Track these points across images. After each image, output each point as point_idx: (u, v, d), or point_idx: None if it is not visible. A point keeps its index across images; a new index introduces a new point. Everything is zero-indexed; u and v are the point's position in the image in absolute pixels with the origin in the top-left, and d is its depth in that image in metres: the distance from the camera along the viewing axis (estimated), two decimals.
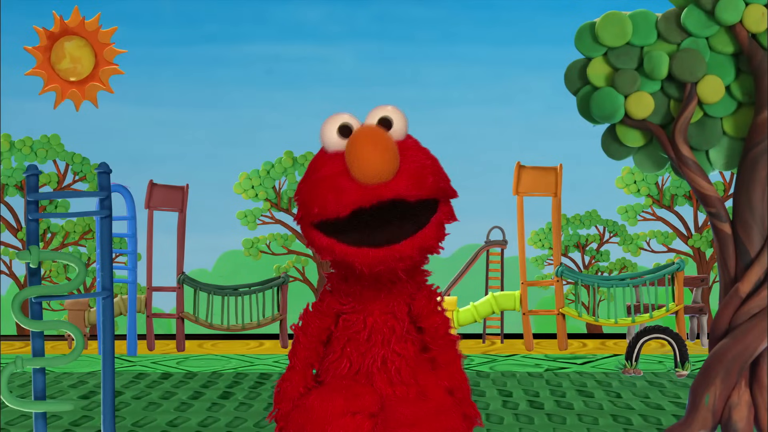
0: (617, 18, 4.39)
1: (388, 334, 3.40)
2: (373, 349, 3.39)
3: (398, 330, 3.41)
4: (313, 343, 3.48)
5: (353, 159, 3.11)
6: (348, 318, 3.44)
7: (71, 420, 5.88)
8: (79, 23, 4.71)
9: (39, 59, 4.68)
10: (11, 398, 4.18)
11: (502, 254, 11.19)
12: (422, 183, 3.18)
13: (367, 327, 3.40)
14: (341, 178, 3.14)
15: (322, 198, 3.16)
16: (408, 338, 3.43)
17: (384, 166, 3.11)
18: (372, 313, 3.41)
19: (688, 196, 13.28)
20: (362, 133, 3.16)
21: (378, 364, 3.39)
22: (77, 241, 12.83)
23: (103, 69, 4.72)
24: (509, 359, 9.07)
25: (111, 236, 4.38)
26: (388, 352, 3.39)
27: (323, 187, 3.17)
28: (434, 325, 3.45)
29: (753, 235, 4.27)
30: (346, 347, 3.43)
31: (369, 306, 3.41)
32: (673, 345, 7.95)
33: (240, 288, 10.34)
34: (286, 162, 12.82)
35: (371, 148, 3.12)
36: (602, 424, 5.75)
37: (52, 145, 12.59)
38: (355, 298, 3.42)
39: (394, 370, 3.39)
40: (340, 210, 3.13)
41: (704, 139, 4.41)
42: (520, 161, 10.01)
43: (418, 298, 3.45)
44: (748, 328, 4.25)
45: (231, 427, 5.72)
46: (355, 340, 3.42)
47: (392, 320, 3.41)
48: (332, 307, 3.47)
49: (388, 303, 3.41)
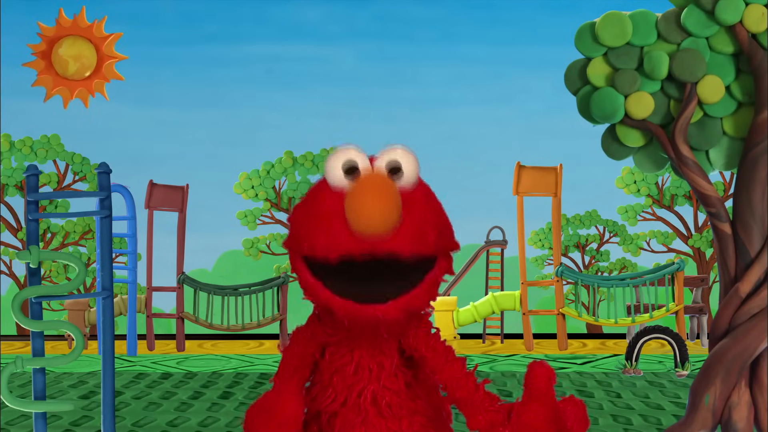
0: (617, 18, 4.39)
1: (376, 369, 3.25)
2: (361, 383, 3.25)
3: (387, 366, 3.26)
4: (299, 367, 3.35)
5: (352, 209, 2.93)
6: (334, 351, 3.29)
7: (71, 420, 5.88)
8: (72, 24, 4.71)
9: (40, 67, 4.68)
10: (11, 398, 4.17)
11: (502, 254, 11.20)
12: (422, 241, 3.00)
13: (353, 361, 3.25)
14: (337, 221, 2.96)
15: (313, 236, 3.00)
16: (399, 372, 3.28)
17: (383, 222, 2.92)
18: (359, 347, 3.25)
19: (688, 196, 13.28)
20: (365, 184, 2.97)
21: (369, 400, 3.24)
22: (77, 241, 12.83)
23: (107, 63, 4.72)
24: (509, 359, 9.07)
25: (111, 236, 4.38)
26: (378, 388, 3.25)
27: (316, 225, 3.01)
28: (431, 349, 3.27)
29: (753, 235, 4.27)
30: (333, 377, 3.29)
31: (356, 340, 3.25)
32: (673, 345, 7.95)
33: (240, 288, 10.34)
34: (286, 162, 12.83)
35: (372, 201, 2.92)
36: (602, 424, 5.75)
37: (52, 145, 12.60)
38: (341, 331, 3.25)
39: (384, 404, 3.25)
40: (329, 253, 2.96)
41: (704, 139, 4.41)
42: (520, 161, 10.01)
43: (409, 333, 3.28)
44: (748, 328, 4.25)
45: (231, 427, 5.73)
46: (342, 371, 3.27)
47: (380, 356, 3.26)
48: (317, 335, 3.32)
49: (375, 338, 3.24)
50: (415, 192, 3.09)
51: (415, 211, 3.02)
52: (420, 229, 3.00)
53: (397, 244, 2.95)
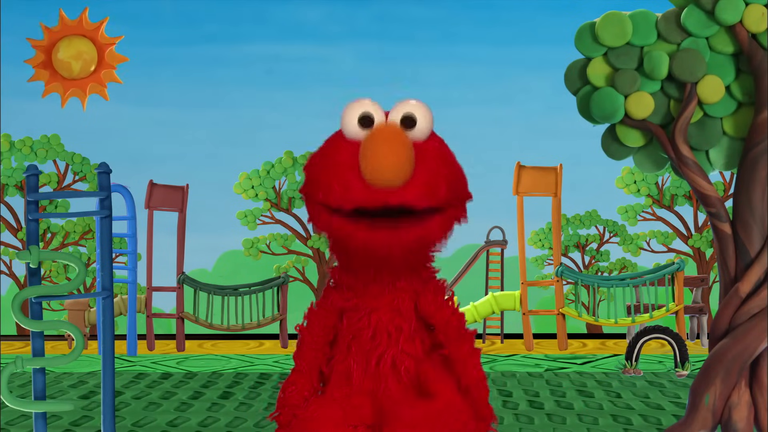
0: (617, 18, 4.39)
1: (395, 333, 3.26)
2: (379, 348, 3.26)
3: (405, 329, 3.27)
4: (319, 343, 3.36)
5: (365, 160, 2.98)
6: (351, 315, 3.30)
7: (71, 420, 5.88)
8: (75, 25, 4.71)
9: (45, 40, 4.68)
10: (11, 398, 4.17)
11: (502, 254, 11.19)
12: (434, 193, 3.03)
13: (371, 325, 3.27)
14: (351, 172, 3.00)
15: (328, 186, 3.04)
16: (417, 337, 3.30)
17: (395, 173, 2.96)
18: (376, 310, 3.27)
19: (688, 196, 13.28)
20: (379, 135, 3.01)
21: (388, 365, 3.25)
22: (77, 241, 12.82)
23: (106, 71, 4.72)
24: (509, 359, 9.07)
25: (111, 236, 4.38)
26: (397, 352, 3.26)
27: (331, 176, 3.05)
28: (444, 319, 3.31)
29: (753, 235, 4.27)
30: (351, 345, 3.30)
31: (373, 302, 3.28)
32: (673, 345, 7.95)
33: (240, 288, 10.34)
34: (286, 162, 12.82)
35: (385, 152, 2.96)
36: (602, 424, 5.75)
37: (52, 145, 12.59)
38: (357, 293, 3.29)
39: (403, 370, 3.26)
40: (343, 204, 3.02)
41: (704, 139, 4.41)
42: (520, 161, 10.01)
43: (424, 293, 3.31)
44: (748, 328, 4.25)
45: (231, 427, 5.72)
46: (359, 337, 3.28)
47: (398, 318, 3.27)
48: (335, 303, 3.34)
49: (392, 299, 3.27)
50: (428, 143, 3.13)
51: (428, 163, 3.06)
52: (432, 180, 3.03)
53: (409, 196, 2.98)
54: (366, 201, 2.99)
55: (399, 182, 2.97)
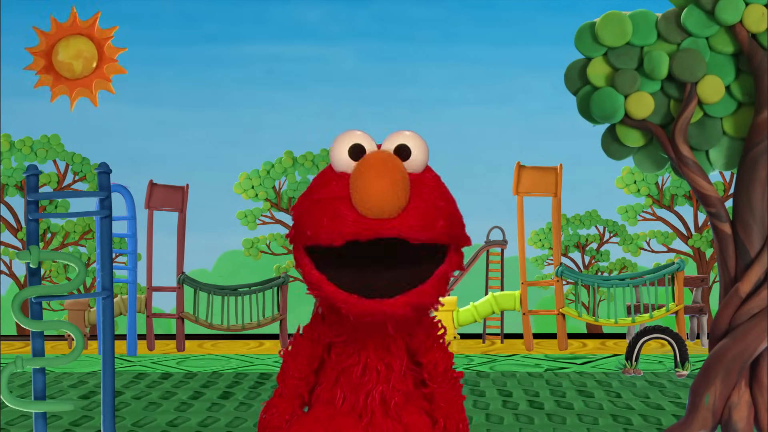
0: (617, 18, 4.39)
1: (384, 371, 3.16)
2: (369, 384, 3.17)
3: (396, 367, 3.18)
4: (304, 372, 3.27)
5: (357, 187, 2.80)
6: (340, 351, 3.20)
7: (71, 420, 5.88)
8: (69, 25, 4.71)
9: (42, 45, 4.68)
10: (11, 398, 4.17)
11: (502, 254, 11.20)
12: (430, 226, 2.84)
13: (360, 362, 3.16)
14: (341, 204, 2.83)
15: (316, 221, 2.85)
16: (408, 374, 3.22)
17: (389, 200, 2.77)
18: (366, 347, 3.15)
19: (688, 196, 13.28)
20: (371, 160, 2.84)
21: (377, 401, 3.16)
22: (77, 241, 12.83)
23: (108, 65, 4.72)
24: (509, 359, 9.07)
25: (111, 236, 4.38)
26: (387, 389, 3.17)
27: (320, 210, 2.86)
28: (433, 362, 3.23)
29: (753, 235, 4.27)
30: (340, 377, 3.20)
31: (363, 340, 3.15)
32: (673, 345, 7.95)
33: (240, 288, 10.33)
34: (286, 162, 12.82)
35: (378, 178, 2.78)
36: (602, 424, 5.75)
37: (52, 145, 12.60)
38: (347, 330, 3.15)
39: (393, 405, 3.18)
40: (333, 238, 2.82)
41: (704, 139, 4.41)
42: (520, 161, 10.01)
43: (416, 333, 3.20)
44: (748, 328, 4.25)
45: (231, 427, 5.72)
46: (348, 372, 3.18)
47: (388, 356, 3.16)
48: (323, 337, 3.23)
49: (383, 338, 3.15)
50: (424, 174, 2.97)
51: (424, 195, 2.89)
52: (428, 213, 2.86)
53: (403, 227, 2.81)
54: (358, 234, 2.79)
55: (393, 212, 2.80)
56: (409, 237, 2.82)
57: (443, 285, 2.98)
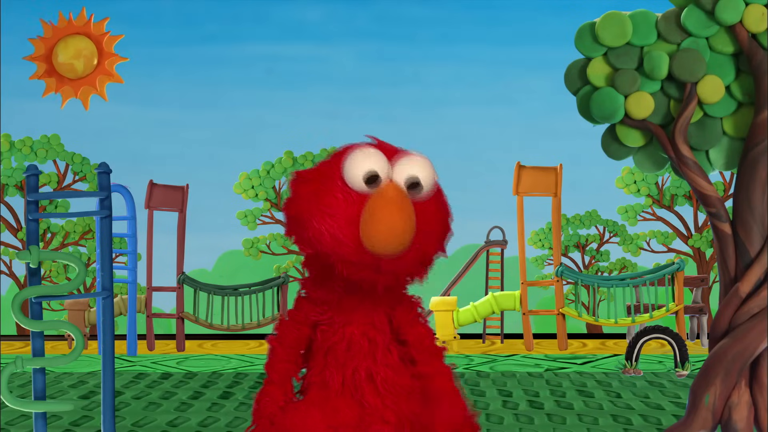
0: (617, 18, 4.39)
1: (368, 346, 3.25)
2: (354, 360, 3.24)
3: (380, 342, 3.27)
4: (292, 355, 3.33)
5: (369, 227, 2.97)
6: (326, 329, 3.28)
7: (71, 420, 5.88)
8: (68, 24, 4.71)
9: (40, 50, 4.68)
10: (11, 398, 4.17)
11: (502, 254, 11.20)
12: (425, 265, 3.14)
13: (345, 338, 3.25)
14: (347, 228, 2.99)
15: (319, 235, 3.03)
16: (392, 347, 3.30)
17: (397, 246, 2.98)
18: (350, 323, 3.25)
19: (688, 196, 13.28)
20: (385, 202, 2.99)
21: (363, 376, 3.24)
22: (77, 241, 12.83)
23: (110, 60, 4.72)
24: (509, 359, 9.07)
25: (111, 236, 4.38)
26: (372, 364, 3.25)
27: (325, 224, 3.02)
28: (419, 337, 3.32)
29: (753, 235, 4.27)
30: (327, 356, 3.28)
31: (347, 316, 3.26)
32: (673, 345, 7.95)
33: (240, 288, 10.34)
34: (286, 162, 12.83)
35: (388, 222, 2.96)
36: (602, 424, 5.75)
37: (52, 145, 12.60)
38: (332, 307, 3.27)
39: (380, 380, 3.24)
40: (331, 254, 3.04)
41: (704, 139, 4.41)
42: (520, 161, 10.01)
43: (398, 309, 3.31)
44: (748, 328, 4.25)
45: (231, 427, 5.72)
46: (334, 350, 3.26)
47: (372, 331, 3.26)
48: (309, 316, 3.31)
49: (367, 314, 3.26)
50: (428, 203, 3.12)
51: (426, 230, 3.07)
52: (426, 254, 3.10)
53: (401, 268, 3.05)
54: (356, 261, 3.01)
55: (396, 253, 3.00)
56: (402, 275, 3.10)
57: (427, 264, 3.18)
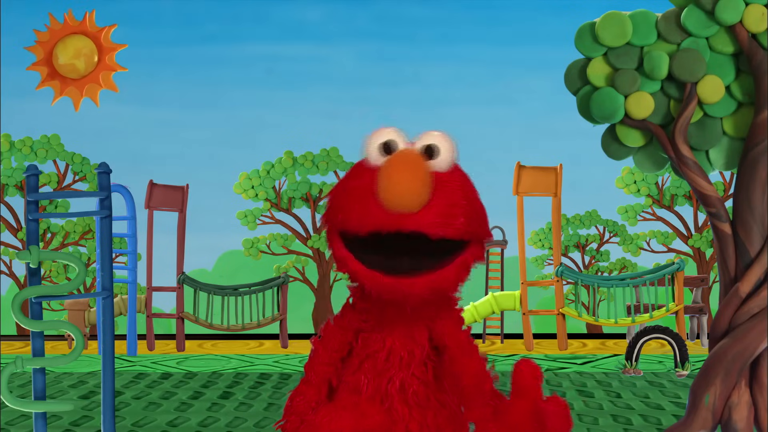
0: (617, 18, 4.39)
1: (407, 357, 3.32)
2: (391, 370, 3.32)
3: (418, 354, 3.33)
4: (333, 358, 3.41)
5: (382, 182, 3.03)
6: (367, 336, 3.36)
7: (71, 420, 5.88)
8: (79, 23, 4.71)
9: (40, 55, 4.68)
10: (11, 398, 4.17)
11: (502, 254, 11.19)
12: (449, 223, 3.05)
13: (385, 347, 3.32)
14: (369, 196, 3.05)
15: (347, 209, 3.11)
16: (429, 362, 3.36)
17: (410, 196, 3.00)
18: (391, 334, 3.33)
19: (688, 196, 13.28)
20: (397, 159, 3.07)
21: (396, 386, 3.31)
22: (77, 241, 12.83)
23: (109, 55, 4.72)
24: (509, 359, 9.07)
25: (111, 236, 4.38)
26: (407, 376, 3.32)
27: (350, 199, 3.11)
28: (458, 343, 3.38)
29: (753, 235, 4.27)
30: (364, 363, 3.35)
31: (388, 326, 3.32)
32: (673, 345, 7.95)
33: (240, 288, 10.34)
34: (286, 162, 12.82)
35: (401, 176, 3.02)
36: (602, 424, 5.75)
37: (52, 145, 12.60)
38: (374, 316, 3.34)
39: (411, 392, 3.31)
40: (359, 227, 3.06)
41: (704, 139, 4.41)
42: (520, 161, 10.01)
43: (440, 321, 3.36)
44: (748, 328, 4.25)
45: (231, 427, 5.73)
46: (373, 358, 3.34)
47: (411, 343, 3.33)
48: (353, 323, 3.39)
49: (407, 325, 3.32)
50: (449, 174, 3.16)
51: (446, 193, 3.08)
52: (448, 210, 3.06)
53: (423, 222, 3.01)
54: (381, 225, 3.01)
55: (414, 207, 3.01)
56: (428, 232, 3.02)
57: (463, 271, 3.18)
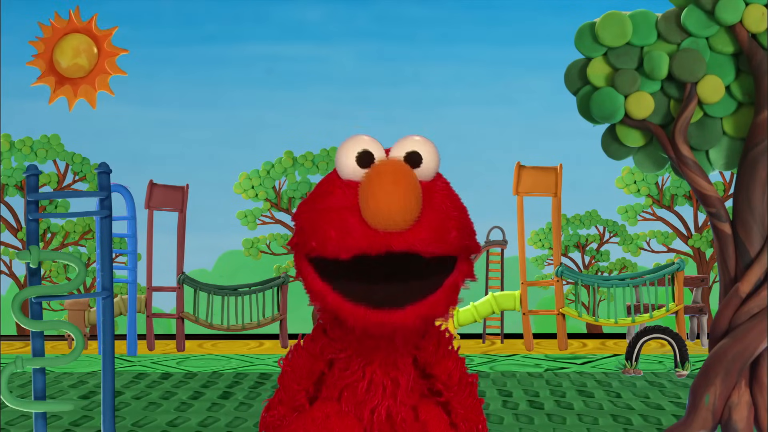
0: (617, 18, 4.39)
1: (390, 386, 3.00)
2: (374, 401, 3.01)
3: (403, 382, 3.01)
4: (303, 384, 3.10)
5: (367, 198, 2.64)
6: (344, 367, 3.03)
7: (71, 420, 5.88)
8: (67, 24, 4.71)
9: (40, 50, 4.68)
10: (11, 398, 4.17)
11: (502, 254, 11.19)
12: (443, 238, 2.70)
13: (366, 377, 3.00)
14: (349, 215, 2.67)
15: (323, 233, 2.69)
16: (416, 388, 3.07)
17: (401, 212, 2.63)
18: (371, 363, 2.99)
19: (688, 196, 13.28)
20: (383, 170, 2.68)
21: (383, 417, 3.01)
22: (77, 241, 12.83)
23: (102, 75, 4.72)
24: (509, 359, 9.07)
25: (111, 236, 4.38)
26: (393, 404, 3.01)
27: (327, 221, 2.70)
28: (446, 372, 3.10)
29: (753, 235, 4.27)
30: (343, 393, 3.04)
31: (368, 356, 2.98)
32: (673, 345, 7.95)
33: (240, 288, 10.34)
34: (286, 162, 12.83)
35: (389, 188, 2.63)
36: (602, 424, 5.75)
37: (52, 145, 12.60)
38: (351, 345, 2.98)
39: (399, 420, 3.03)
40: (340, 252, 2.67)
41: (704, 139, 4.41)
42: (520, 161, 10.01)
43: (424, 346, 3.06)
44: (748, 328, 4.25)
45: (231, 427, 5.72)
46: (353, 387, 3.02)
47: (394, 371, 3.00)
48: (325, 352, 3.05)
49: (389, 353, 2.98)
50: (435, 183, 2.83)
51: (436, 205, 2.74)
52: (441, 224, 2.72)
53: (416, 241, 2.67)
54: (367, 247, 2.64)
55: (405, 224, 2.64)
56: (421, 251, 2.68)
57: (454, 295, 2.87)
